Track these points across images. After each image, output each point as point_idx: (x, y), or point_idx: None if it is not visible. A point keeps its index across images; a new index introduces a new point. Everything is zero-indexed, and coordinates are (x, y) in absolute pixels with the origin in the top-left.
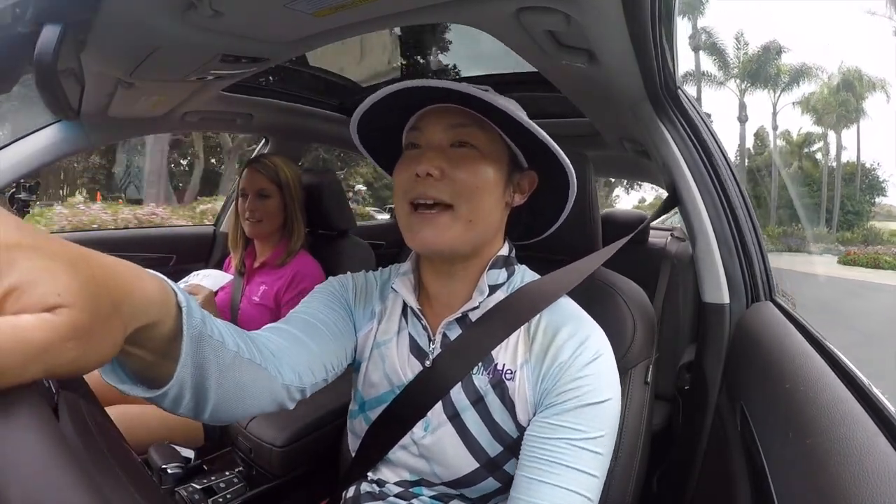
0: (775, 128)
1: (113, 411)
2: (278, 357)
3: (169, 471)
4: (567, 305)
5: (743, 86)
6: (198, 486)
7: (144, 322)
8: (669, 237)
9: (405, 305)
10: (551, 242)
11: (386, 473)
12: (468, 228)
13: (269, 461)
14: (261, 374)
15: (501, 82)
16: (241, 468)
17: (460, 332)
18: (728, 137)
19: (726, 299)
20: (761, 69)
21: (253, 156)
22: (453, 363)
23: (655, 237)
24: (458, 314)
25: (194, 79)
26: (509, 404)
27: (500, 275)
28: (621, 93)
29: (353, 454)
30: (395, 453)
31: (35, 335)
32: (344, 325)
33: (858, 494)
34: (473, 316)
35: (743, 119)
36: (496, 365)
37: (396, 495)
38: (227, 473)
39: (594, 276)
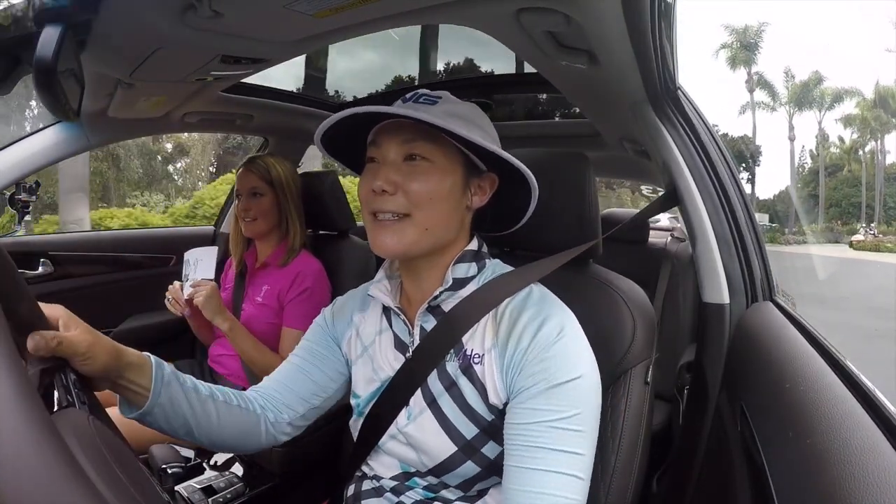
0: (822, 141)
1: (114, 412)
2: (266, 404)
3: (169, 470)
4: (535, 292)
5: (791, 110)
6: (198, 486)
7: (133, 362)
8: (669, 237)
9: (386, 307)
10: (551, 243)
11: (382, 469)
12: (424, 235)
13: (269, 461)
14: (238, 413)
15: (501, 83)
16: (241, 468)
17: (436, 323)
18: (780, 153)
19: (726, 299)
20: (806, 95)
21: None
22: (429, 352)
23: (655, 237)
24: (425, 305)
25: (194, 80)
26: (479, 387)
27: (469, 268)
28: (621, 93)
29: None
30: (387, 444)
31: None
32: (329, 353)
33: (858, 494)
34: (447, 307)
35: (792, 138)
36: (465, 350)
37: (392, 489)
38: (227, 473)
39: (593, 275)
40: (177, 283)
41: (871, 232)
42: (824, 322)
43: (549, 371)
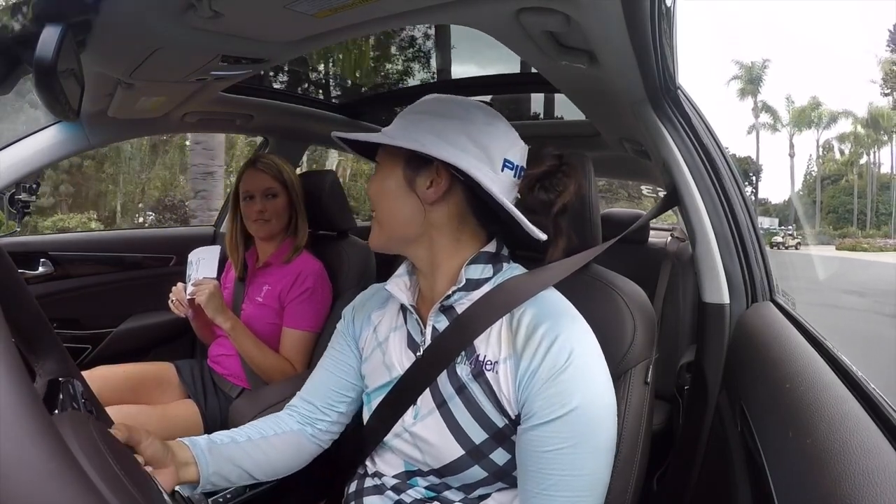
0: (825, 154)
1: (113, 411)
2: (302, 419)
3: None
4: (550, 299)
5: (791, 131)
6: None
7: (183, 458)
8: (669, 237)
9: (402, 305)
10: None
11: (384, 467)
12: (381, 230)
13: None
14: (279, 441)
15: (501, 83)
16: None
17: (448, 324)
18: (784, 167)
19: (726, 299)
20: (805, 117)
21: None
22: (439, 353)
23: (655, 237)
24: (437, 305)
25: (194, 79)
26: (491, 394)
27: (483, 269)
28: (621, 93)
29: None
30: (392, 441)
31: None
32: (351, 359)
33: (858, 494)
34: (460, 308)
35: (791, 155)
36: (478, 356)
37: (393, 487)
38: None
39: (594, 276)
40: (180, 285)
41: (790, 233)
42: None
43: (560, 398)
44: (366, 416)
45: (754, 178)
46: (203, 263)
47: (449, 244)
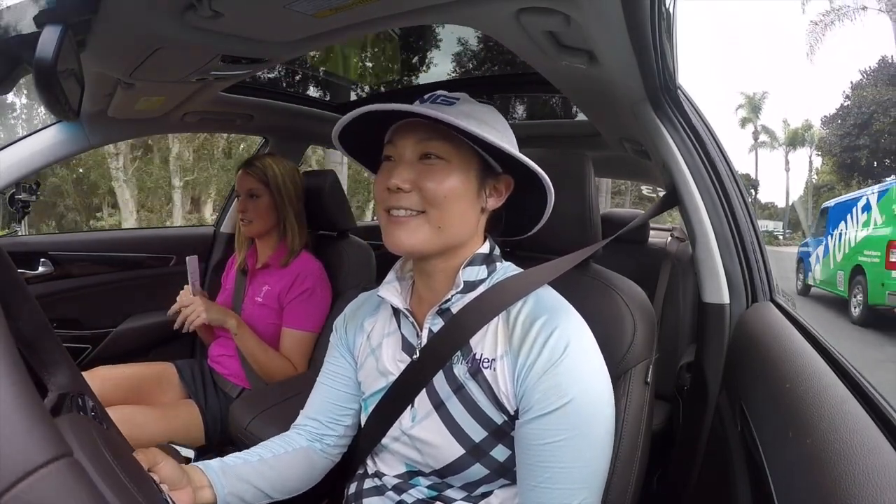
0: (812, 170)
1: (114, 412)
2: (309, 436)
3: None
4: (547, 296)
5: (787, 149)
6: None
7: (198, 482)
8: (669, 237)
9: (395, 309)
10: (551, 244)
11: (385, 468)
12: (438, 233)
13: None
14: (289, 458)
15: (501, 82)
16: None
17: (443, 324)
18: (777, 184)
19: (726, 299)
20: (798, 137)
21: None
22: (435, 352)
23: (655, 237)
24: (436, 308)
25: (194, 79)
26: (489, 392)
27: (479, 271)
28: (621, 93)
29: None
30: (391, 445)
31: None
32: (348, 371)
33: (858, 494)
34: (455, 309)
35: (787, 169)
36: (474, 354)
37: (394, 488)
38: None
39: (594, 276)
40: (187, 288)
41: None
42: None
43: (557, 390)
44: (363, 421)
45: (753, 191)
46: (191, 276)
47: (462, 248)
